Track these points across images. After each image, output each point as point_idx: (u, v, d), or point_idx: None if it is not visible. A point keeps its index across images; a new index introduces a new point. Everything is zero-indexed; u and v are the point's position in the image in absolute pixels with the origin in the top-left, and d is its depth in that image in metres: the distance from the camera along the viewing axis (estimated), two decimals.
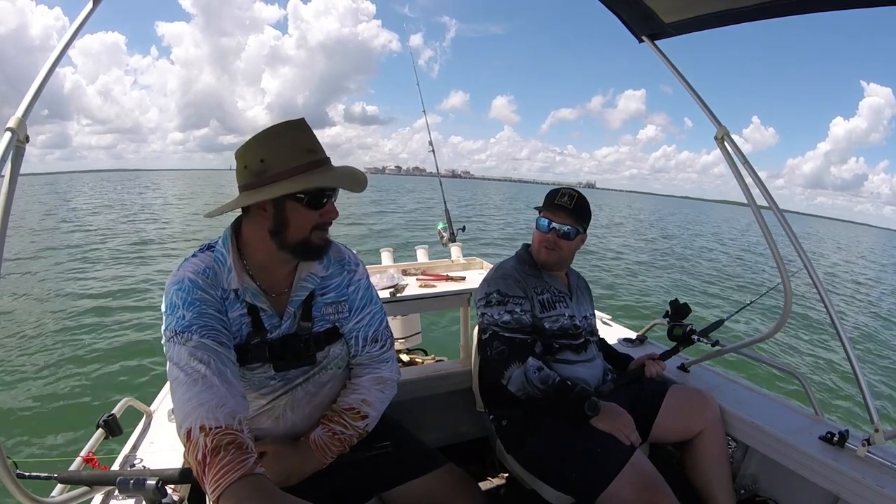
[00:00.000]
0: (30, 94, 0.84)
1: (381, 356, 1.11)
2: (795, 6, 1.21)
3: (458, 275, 2.14)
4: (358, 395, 1.05)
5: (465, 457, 1.25)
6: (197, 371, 0.80)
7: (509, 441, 1.39)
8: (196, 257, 0.94)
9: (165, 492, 0.85)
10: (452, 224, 2.76)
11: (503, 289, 1.35)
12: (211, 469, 0.71)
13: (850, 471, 1.16)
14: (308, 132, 0.90)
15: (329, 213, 0.93)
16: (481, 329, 1.37)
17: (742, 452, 1.48)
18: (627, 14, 1.40)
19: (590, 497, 1.16)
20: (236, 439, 0.74)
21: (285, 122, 0.91)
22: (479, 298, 1.39)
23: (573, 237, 1.40)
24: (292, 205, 0.88)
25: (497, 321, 1.32)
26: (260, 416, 1.02)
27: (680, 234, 24.95)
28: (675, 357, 1.78)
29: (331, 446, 0.98)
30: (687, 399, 1.42)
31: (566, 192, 1.40)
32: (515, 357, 1.28)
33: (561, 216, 1.38)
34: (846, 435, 1.24)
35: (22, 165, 0.79)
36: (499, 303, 1.33)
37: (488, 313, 1.34)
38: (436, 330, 5.23)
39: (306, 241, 0.92)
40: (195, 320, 0.85)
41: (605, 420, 1.22)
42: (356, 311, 1.08)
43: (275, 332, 0.97)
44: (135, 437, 1.32)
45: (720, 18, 1.32)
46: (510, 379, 1.27)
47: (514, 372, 1.27)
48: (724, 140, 1.33)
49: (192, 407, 0.77)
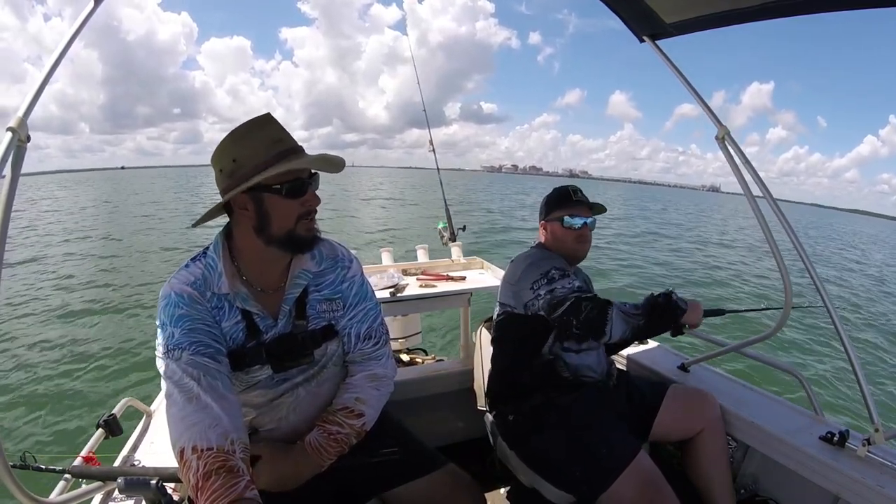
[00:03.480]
0: (31, 93, 0.84)
1: (374, 353, 1.09)
2: (797, 7, 1.21)
3: (459, 275, 2.14)
4: (351, 394, 1.04)
5: (465, 457, 1.25)
6: (190, 389, 0.80)
7: (512, 438, 1.39)
8: (188, 268, 0.93)
9: (165, 491, 0.85)
10: (453, 223, 2.75)
11: (558, 265, 1.35)
12: (203, 494, 0.71)
13: (851, 471, 1.16)
14: (275, 125, 0.90)
15: (310, 201, 0.92)
16: (556, 303, 1.26)
17: (742, 452, 1.48)
18: (628, 14, 1.40)
19: (591, 496, 1.16)
20: (227, 462, 0.74)
21: (251, 119, 0.90)
22: (536, 280, 1.32)
23: (593, 227, 1.46)
24: (271, 197, 0.87)
25: (573, 288, 1.27)
26: (262, 416, 1.02)
27: (832, 252, 20.83)
28: (675, 357, 1.78)
29: (327, 447, 0.97)
30: (687, 398, 1.42)
31: (576, 188, 1.47)
32: (607, 304, 1.22)
33: (585, 210, 1.44)
34: (846, 435, 1.24)
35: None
36: (562, 276, 1.31)
37: (559, 286, 1.28)
38: (436, 330, 5.23)
39: (292, 232, 0.91)
40: (184, 337, 0.85)
41: (693, 311, 1.26)
42: (350, 307, 1.07)
43: (270, 332, 0.97)
44: (135, 436, 1.32)
45: (722, 19, 1.32)
46: (613, 324, 1.20)
47: (613, 315, 1.19)
48: (724, 140, 1.33)
49: (185, 427, 0.77)
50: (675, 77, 1.39)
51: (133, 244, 11.81)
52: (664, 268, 11.72)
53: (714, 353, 1.63)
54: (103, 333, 5.43)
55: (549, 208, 1.47)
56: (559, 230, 1.43)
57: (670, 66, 1.39)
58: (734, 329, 5.77)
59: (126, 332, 5.47)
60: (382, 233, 14.80)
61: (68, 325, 5.68)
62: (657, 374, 1.69)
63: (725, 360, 3.74)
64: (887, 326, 8.17)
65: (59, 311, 6.21)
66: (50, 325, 5.64)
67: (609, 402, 1.39)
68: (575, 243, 1.43)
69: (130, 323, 5.80)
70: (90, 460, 1.10)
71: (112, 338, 5.29)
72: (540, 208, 1.51)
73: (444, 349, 4.35)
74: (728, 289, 10.01)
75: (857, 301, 10.08)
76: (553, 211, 1.45)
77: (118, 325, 5.73)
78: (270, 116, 0.91)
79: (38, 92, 0.85)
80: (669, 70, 1.39)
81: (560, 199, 1.45)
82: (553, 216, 1.45)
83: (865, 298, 10.61)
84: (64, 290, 7.28)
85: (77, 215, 20.14)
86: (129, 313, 6.14)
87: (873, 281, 13.82)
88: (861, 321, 8.34)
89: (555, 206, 1.45)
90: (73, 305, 6.44)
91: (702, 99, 1.37)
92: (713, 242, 18.55)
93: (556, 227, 1.44)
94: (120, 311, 6.24)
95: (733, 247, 17.35)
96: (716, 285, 10.25)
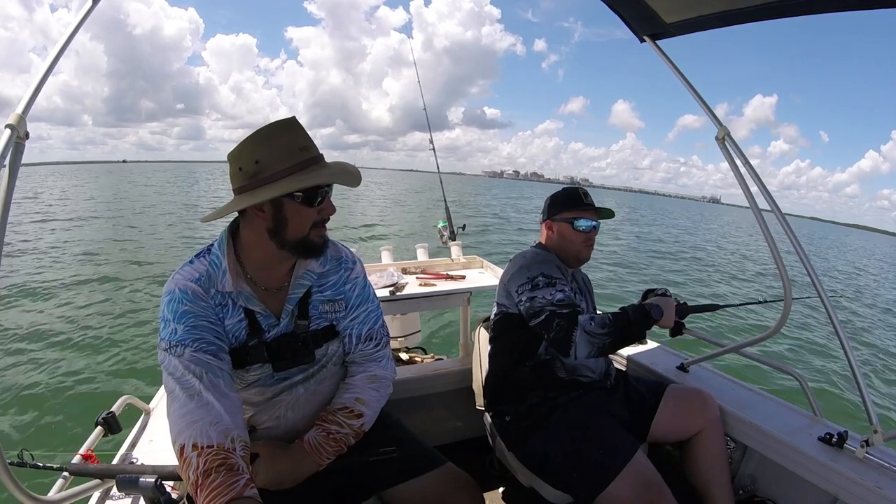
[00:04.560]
0: (30, 91, 0.84)
1: (374, 354, 1.10)
2: (798, 7, 1.21)
3: (458, 273, 2.14)
4: (351, 394, 1.04)
5: (463, 456, 1.25)
6: (192, 386, 0.81)
7: (511, 438, 1.39)
8: (192, 264, 0.93)
9: (164, 489, 0.85)
10: (452, 222, 2.75)
11: (547, 272, 1.35)
12: (202, 491, 0.72)
13: (849, 472, 1.16)
14: (301, 131, 0.90)
15: (326, 210, 0.92)
16: (532, 313, 1.30)
17: (741, 452, 1.48)
18: (629, 14, 1.40)
19: (589, 496, 1.16)
20: (227, 460, 0.74)
21: (277, 121, 0.90)
22: (521, 283, 1.35)
23: (598, 231, 1.48)
24: (290, 204, 0.88)
25: (552, 300, 1.28)
26: (261, 414, 1.02)
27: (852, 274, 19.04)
28: (675, 357, 1.78)
29: (326, 447, 0.97)
30: (686, 399, 1.42)
31: (585, 191, 1.48)
32: (573, 325, 1.23)
33: (593, 214, 1.45)
34: (845, 436, 1.24)
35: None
36: (547, 284, 1.32)
37: (539, 295, 1.30)
38: (436, 329, 5.23)
39: (305, 238, 0.91)
40: (187, 333, 0.85)
41: (666, 317, 1.28)
42: (352, 308, 1.07)
43: (272, 331, 0.97)
44: (133, 434, 1.32)
45: (722, 18, 1.32)
46: (577, 346, 1.22)
47: (577, 337, 1.22)
48: (724, 140, 1.33)
49: (186, 424, 0.77)
50: (675, 78, 1.39)
51: (134, 241, 11.80)
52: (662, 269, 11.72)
53: (713, 353, 1.63)
54: (103, 330, 5.42)
55: (558, 208, 1.46)
56: (569, 232, 1.43)
57: (670, 66, 1.39)
58: (734, 329, 5.78)
59: (125, 330, 5.46)
60: (382, 231, 14.83)
61: (68, 322, 5.67)
62: (656, 374, 1.69)
63: (724, 360, 3.75)
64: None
65: (59, 308, 6.21)
66: (49, 322, 5.63)
67: (607, 403, 1.39)
68: (582, 246, 1.44)
69: (130, 320, 5.79)
70: (89, 458, 1.10)
71: (111, 335, 5.29)
72: (545, 207, 1.50)
73: (444, 348, 4.34)
74: (728, 287, 10.02)
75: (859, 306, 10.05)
76: (561, 212, 1.45)
77: (118, 322, 5.73)
78: (296, 121, 0.90)
79: (36, 89, 0.85)
80: (669, 70, 1.39)
81: (570, 200, 1.45)
82: (561, 217, 1.44)
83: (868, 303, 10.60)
84: (64, 288, 7.28)
85: (81, 206, 20.20)
86: (128, 311, 6.14)
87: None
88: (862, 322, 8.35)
89: (564, 207, 1.45)
90: (73, 302, 6.44)
91: (702, 99, 1.37)
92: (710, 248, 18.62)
93: (566, 228, 1.43)
94: (120, 309, 6.24)
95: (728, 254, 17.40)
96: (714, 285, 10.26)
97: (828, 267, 19.30)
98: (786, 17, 1.24)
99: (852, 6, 1.15)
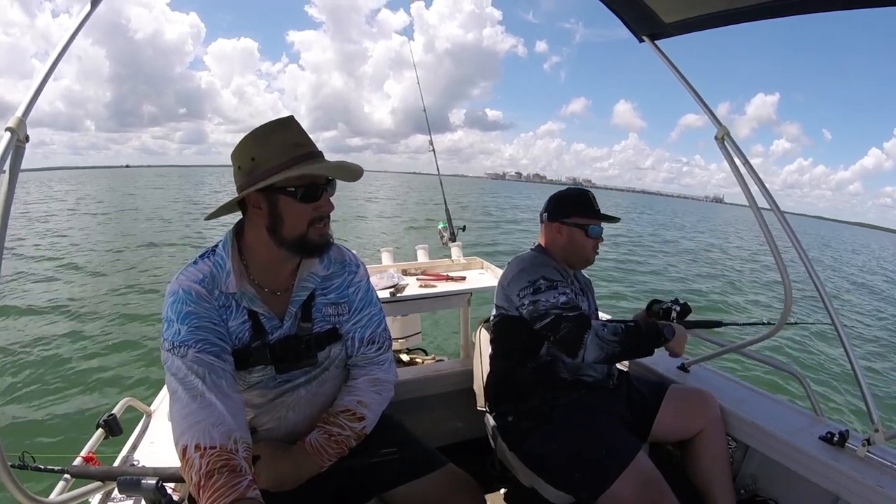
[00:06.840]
0: (30, 94, 0.84)
1: (376, 358, 1.10)
2: (796, 6, 1.21)
3: (459, 275, 2.14)
4: (353, 397, 1.04)
5: (464, 457, 1.25)
6: (194, 387, 0.81)
7: (512, 438, 1.39)
8: (196, 265, 0.93)
9: (165, 491, 0.85)
10: (453, 223, 2.75)
11: (548, 275, 1.34)
12: (205, 492, 0.72)
13: (851, 471, 1.16)
14: (295, 128, 0.91)
15: (323, 207, 0.92)
16: (537, 316, 1.30)
17: (742, 452, 1.48)
18: (628, 14, 1.40)
19: (591, 497, 1.16)
20: (230, 461, 0.74)
21: (274, 120, 0.91)
22: (523, 287, 1.34)
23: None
24: (285, 199, 0.88)
25: (556, 304, 1.28)
26: (262, 415, 1.02)
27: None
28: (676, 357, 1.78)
29: (328, 448, 0.97)
30: (687, 399, 1.42)
31: (593, 196, 1.47)
32: (584, 328, 1.24)
33: (600, 220, 1.45)
34: (846, 435, 1.24)
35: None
36: (549, 287, 1.32)
37: (542, 299, 1.30)
38: (436, 330, 5.23)
39: (303, 236, 0.91)
40: (190, 334, 0.85)
41: (677, 343, 1.30)
42: (355, 311, 1.08)
43: (275, 333, 0.97)
44: (134, 436, 1.32)
45: (721, 18, 1.32)
46: (587, 348, 1.23)
47: (588, 340, 1.22)
48: (724, 140, 1.33)
49: (189, 424, 0.78)
50: (674, 78, 1.39)
51: (137, 243, 11.81)
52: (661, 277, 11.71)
53: (714, 353, 1.63)
54: (104, 333, 5.43)
55: (567, 212, 1.43)
56: (581, 238, 1.42)
57: (669, 65, 1.39)
58: (734, 330, 5.77)
59: (127, 332, 5.46)
60: (382, 231, 14.82)
61: (68, 323, 5.67)
62: (657, 374, 1.69)
63: (725, 360, 3.74)
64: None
65: (60, 309, 6.21)
66: (50, 324, 5.63)
67: (609, 403, 1.39)
68: (591, 252, 1.45)
69: (131, 322, 5.79)
70: (90, 460, 1.10)
71: (113, 337, 5.29)
72: (550, 208, 1.47)
73: (444, 349, 4.34)
74: (727, 294, 10.00)
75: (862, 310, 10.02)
76: (572, 216, 1.43)
77: (119, 324, 5.73)
78: (293, 119, 0.92)
79: (36, 92, 0.85)
80: (669, 70, 1.39)
81: (582, 205, 1.43)
82: (573, 221, 1.42)
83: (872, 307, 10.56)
84: (64, 286, 7.29)
85: (90, 208, 20.20)
86: (130, 312, 6.14)
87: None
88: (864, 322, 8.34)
89: (574, 212, 1.43)
90: (73, 304, 6.44)
91: (701, 99, 1.37)
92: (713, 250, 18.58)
93: (579, 234, 1.42)
94: (121, 310, 6.24)
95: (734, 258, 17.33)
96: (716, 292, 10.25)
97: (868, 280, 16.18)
98: (785, 17, 1.24)
99: (852, 5, 1.15)
